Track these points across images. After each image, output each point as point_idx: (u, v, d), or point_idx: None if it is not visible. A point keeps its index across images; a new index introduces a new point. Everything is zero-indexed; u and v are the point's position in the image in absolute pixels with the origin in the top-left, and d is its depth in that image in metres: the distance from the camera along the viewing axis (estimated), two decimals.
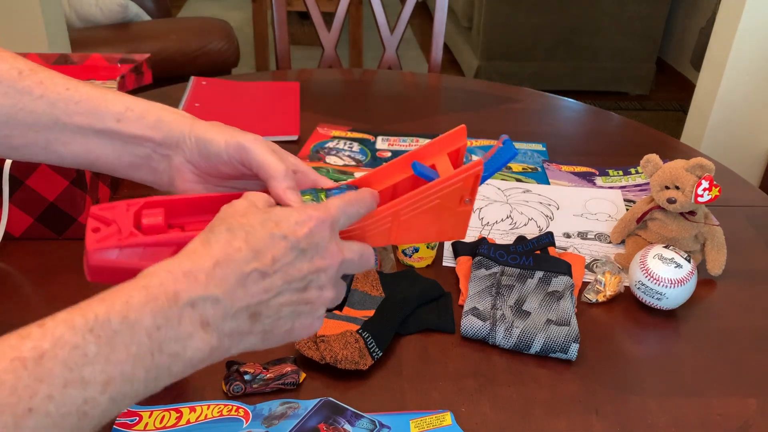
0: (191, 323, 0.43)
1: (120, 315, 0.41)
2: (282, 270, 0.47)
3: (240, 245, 0.46)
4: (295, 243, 0.47)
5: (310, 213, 0.49)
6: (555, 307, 0.83)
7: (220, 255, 0.45)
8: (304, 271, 0.48)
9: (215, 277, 0.44)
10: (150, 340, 0.42)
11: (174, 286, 0.43)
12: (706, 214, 0.94)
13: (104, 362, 0.40)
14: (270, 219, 0.48)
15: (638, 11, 3.39)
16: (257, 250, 0.46)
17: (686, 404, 0.74)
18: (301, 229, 0.48)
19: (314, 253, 0.49)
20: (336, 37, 1.74)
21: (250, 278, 0.46)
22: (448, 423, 0.68)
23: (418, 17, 4.81)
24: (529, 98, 1.51)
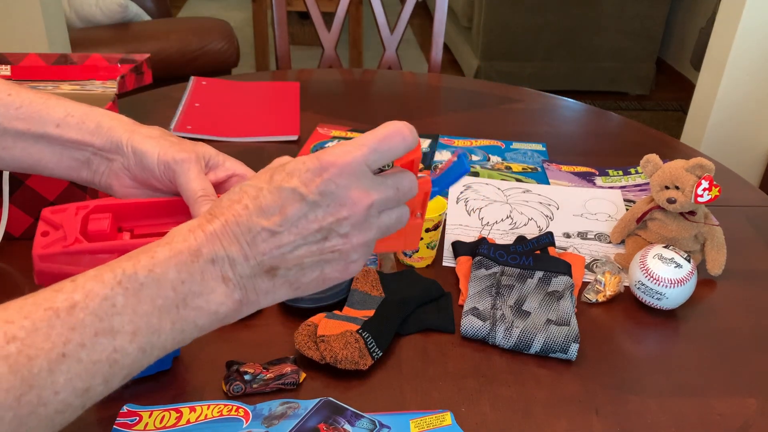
0: (213, 278, 0.45)
1: (146, 269, 0.43)
2: (294, 224, 0.47)
3: (247, 203, 0.46)
4: (305, 195, 0.46)
5: (327, 160, 0.47)
6: (555, 307, 0.83)
7: (230, 214, 0.46)
8: (320, 222, 0.47)
9: (228, 236, 0.46)
10: (175, 293, 0.44)
11: (196, 243, 0.45)
12: (706, 214, 0.94)
13: (132, 313, 0.42)
14: (283, 170, 0.47)
15: (638, 11, 3.39)
16: (264, 208, 0.46)
17: (686, 404, 0.74)
18: (314, 180, 0.46)
19: (330, 203, 0.47)
20: (336, 37, 1.74)
21: (259, 236, 0.46)
22: (448, 423, 0.68)
23: (418, 17, 4.81)
24: (529, 98, 1.51)
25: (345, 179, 0.47)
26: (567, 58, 3.53)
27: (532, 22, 3.41)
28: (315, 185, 0.46)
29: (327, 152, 0.47)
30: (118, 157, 0.60)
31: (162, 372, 0.74)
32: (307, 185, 0.46)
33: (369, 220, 0.49)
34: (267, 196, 0.46)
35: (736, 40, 2.07)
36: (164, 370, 0.74)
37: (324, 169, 0.46)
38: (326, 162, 0.46)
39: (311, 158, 0.47)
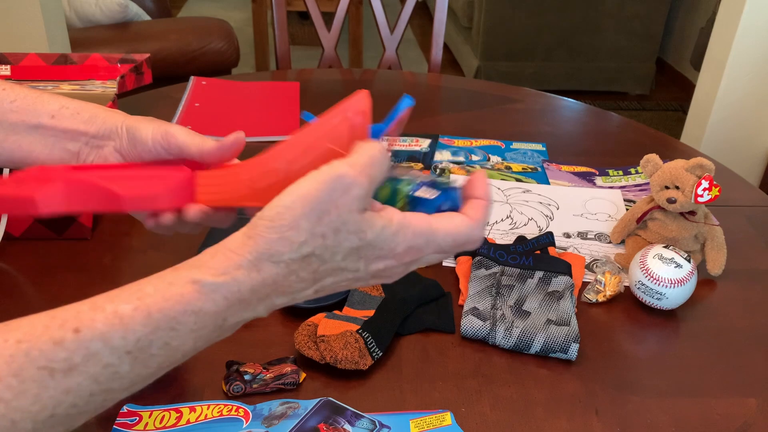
0: (223, 334, 0.43)
1: (162, 342, 0.40)
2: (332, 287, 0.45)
3: (306, 276, 0.42)
4: (362, 277, 0.44)
5: (400, 254, 0.43)
6: (555, 307, 0.83)
7: (282, 282, 0.42)
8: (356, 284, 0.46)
9: (268, 300, 0.43)
10: (183, 357, 0.42)
11: (225, 312, 0.41)
12: (706, 214, 0.94)
13: (134, 376, 0.40)
14: (358, 252, 0.42)
15: (638, 11, 3.39)
16: (319, 280, 0.43)
17: (686, 404, 0.74)
18: (377, 264, 0.44)
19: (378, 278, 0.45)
20: (336, 37, 1.74)
21: (294, 300, 0.44)
22: (448, 423, 0.68)
23: (418, 17, 4.81)
24: (529, 98, 1.51)
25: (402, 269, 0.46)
26: (567, 58, 3.53)
27: (532, 22, 3.40)
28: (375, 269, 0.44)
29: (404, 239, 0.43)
30: (110, 142, 0.58)
31: None
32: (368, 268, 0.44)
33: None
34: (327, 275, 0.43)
35: (736, 40, 2.07)
36: None
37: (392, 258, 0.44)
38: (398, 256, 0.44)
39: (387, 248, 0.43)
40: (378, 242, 0.42)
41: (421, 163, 1.20)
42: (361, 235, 0.41)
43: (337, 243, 0.41)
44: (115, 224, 0.99)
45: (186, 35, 2.53)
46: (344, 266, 0.43)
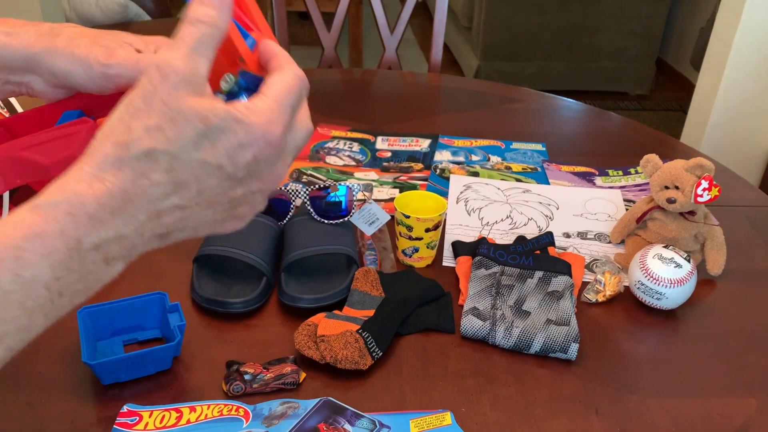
0: (94, 263, 0.39)
1: (11, 273, 0.36)
2: (208, 200, 0.41)
3: (159, 178, 0.38)
4: (232, 174, 0.40)
5: (260, 133, 0.39)
6: (555, 306, 0.83)
7: (132, 189, 0.38)
8: (237, 195, 0.41)
9: (122, 215, 0.38)
10: (49, 291, 0.38)
11: (76, 232, 0.37)
12: (706, 214, 0.94)
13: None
14: (206, 137, 0.38)
15: (638, 11, 3.39)
16: (180, 183, 0.39)
17: (686, 404, 0.74)
18: (244, 155, 0.39)
19: (254, 180, 0.41)
20: (336, 37, 1.74)
21: (165, 213, 0.40)
22: (448, 423, 0.69)
23: (418, 17, 4.81)
24: (529, 98, 1.51)
25: (274, 154, 0.41)
26: (567, 58, 3.53)
27: (532, 22, 3.40)
28: (244, 162, 0.40)
29: (260, 115, 0.39)
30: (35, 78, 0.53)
31: (162, 372, 0.74)
32: (236, 163, 0.39)
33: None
34: (185, 171, 0.39)
35: (736, 40, 2.07)
36: (164, 369, 0.74)
37: (257, 144, 0.39)
38: (262, 137, 0.39)
39: (242, 125, 0.39)
40: (229, 124, 0.38)
41: (421, 163, 1.20)
42: (204, 120, 0.38)
43: (178, 133, 0.38)
44: None
45: None
46: (203, 160, 0.38)
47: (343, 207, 0.93)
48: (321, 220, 0.91)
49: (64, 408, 0.69)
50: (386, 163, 1.20)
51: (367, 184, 1.13)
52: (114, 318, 0.76)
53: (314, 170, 1.16)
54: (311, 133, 0.46)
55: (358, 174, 1.16)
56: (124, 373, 0.72)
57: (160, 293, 0.77)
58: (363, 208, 0.95)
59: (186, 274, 0.89)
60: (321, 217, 0.92)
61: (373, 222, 0.94)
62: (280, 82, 0.42)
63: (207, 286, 0.84)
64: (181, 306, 0.77)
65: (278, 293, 0.85)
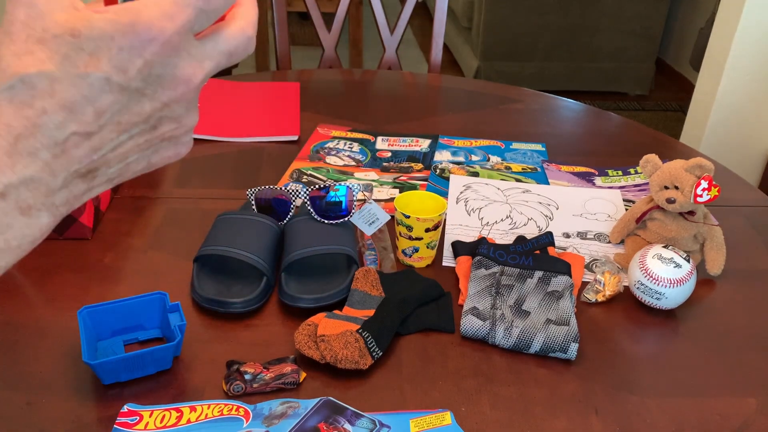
0: (6, 214, 0.35)
1: None
2: (112, 121, 0.36)
3: (44, 105, 0.34)
4: (124, 84, 0.35)
5: (145, 31, 0.34)
6: (554, 306, 0.83)
7: (20, 124, 0.34)
8: (147, 111, 0.37)
9: (20, 155, 0.35)
10: None
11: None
12: (706, 214, 0.94)
13: None
14: (81, 47, 0.34)
15: (638, 11, 3.40)
16: (70, 107, 0.35)
17: (686, 404, 0.74)
18: (133, 62, 0.35)
19: (157, 87, 0.36)
20: (336, 38, 1.74)
21: (68, 143, 0.36)
22: (448, 422, 0.69)
23: (418, 17, 4.81)
24: (528, 98, 1.51)
25: (173, 55, 0.36)
26: (567, 58, 3.53)
27: (532, 22, 3.41)
28: (135, 69, 0.35)
29: (140, 13, 0.34)
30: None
31: (162, 371, 0.74)
32: (125, 70, 0.35)
33: (197, 93, 0.39)
34: (70, 91, 0.34)
35: (736, 41, 2.07)
36: (164, 369, 0.74)
37: (143, 44, 0.34)
38: (145, 34, 0.34)
39: (118, 27, 0.34)
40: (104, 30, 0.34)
41: (421, 163, 1.20)
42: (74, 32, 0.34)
43: (49, 51, 0.34)
44: (116, 224, 0.99)
45: None
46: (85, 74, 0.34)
47: (343, 207, 0.93)
48: (321, 220, 0.92)
49: (64, 408, 0.69)
50: (386, 164, 1.20)
51: (367, 184, 1.13)
52: (114, 318, 0.76)
53: (314, 170, 1.16)
54: (240, 42, 0.39)
55: (358, 174, 1.16)
56: (125, 373, 0.72)
57: (160, 293, 0.78)
58: (363, 208, 0.95)
59: (186, 274, 0.89)
60: (321, 217, 0.92)
61: (373, 222, 0.94)
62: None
63: (207, 286, 0.84)
64: (181, 306, 0.77)
65: (278, 293, 0.85)
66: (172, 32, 0.35)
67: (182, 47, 0.36)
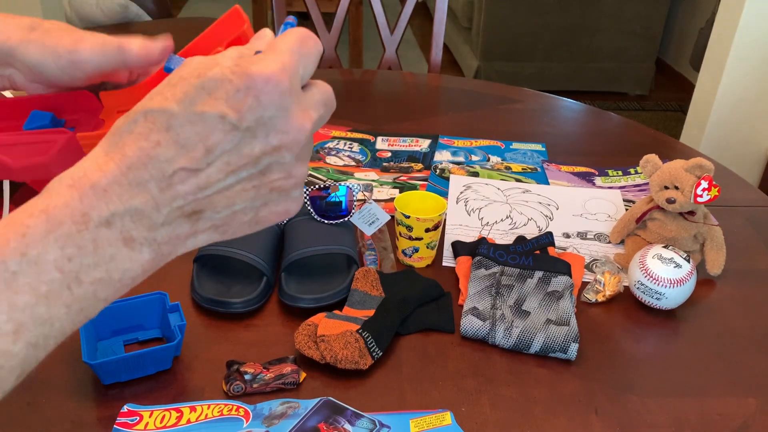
0: (110, 244, 0.36)
1: (17, 253, 0.34)
2: (220, 160, 0.37)
3: (159, 138, 0.36)
4: (236, 123, 0.37)
5: (259, 74, 0.37)
6: (554, 306, 0.83)
7: (134, 155, 0.36)
8: (256, 153, 0.38)
9: (130, 185, 0.36)
10: (63, 273, 0.35)
11: (81, 205, 0.35)
12: (706, 214, 0.94)
13: (8, 309, 0.34)
14: (203, 87, 0.37)
15: (638, 11, 3.40)
16: (183, 143, 0.37)
17: (686, 404, 0.74)
18: (248, 103, 0.37)
19: (269, 129, 0.38)
20: (336, 38, 1.74)
21: (176, 178, 0.37)
22: (448, 423, 0.69)
23: (418, 17, 4.81)
24: (528, 98, 1.51)
25: (285, 101, 0.38)
26: (567, 58, 3.53)
27: (532, 22, 3.41)
28: (249, 109, 0.37)
29: (254, 62, 0.37)
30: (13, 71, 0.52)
31: (162, 372, 0.74)
32: (239, 110, 0.37)
33: (309, 144, 0.40)
34: (185, 127, 0.36)
35: (736, 40, 2.07)
36: (164, 369, 0.74)
37: (258, 88, 0.37)
38: (259, 77, 0.37)
39: (236, 70, 0.37)
40: (225, 74, 0.37)
41: (421, 163, 1.20)
42: (199, 75, 0.37)
43: (175, 91, 0.37)
44: None
45: (186, 35, 2.53)
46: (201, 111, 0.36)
47: (343, 207, 0.93)
48: (321, 220, 0.92)
49: (64, 408, 0.69)
50: (386, 164, 1.20)
51: (367, 184, 1.13)
52: (114, 318, 0.76)
53: (314, 170, 1.16)
54: (331, 95, 0.42)
55: (358, 174, 1.16)
56: (125, 373, 0.72)
57: (160, 293, 0.78)
58: (363, 208, 0.95)
59: (186, 274, 0.89)
60: (321, 217, 0.92)
61: (373, 222, 0.94)
62: (283, 36, 0.40)
63: (207, 286, 0.84)
64: (181, 306, 0.77)
65: (278, 293, 0.85)
66: (282, 78, 0.37)
67: (293, 94, 0.38)
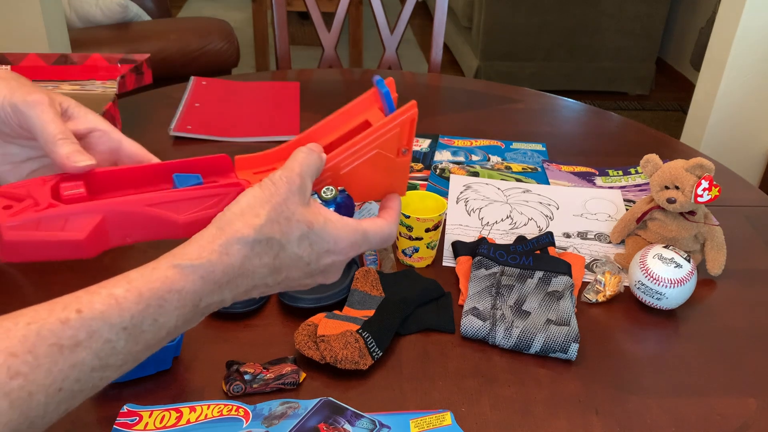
0: (199, 317, 0.48)
1: (152, 318, 0.44)
2: (286, 283, 0.51)
3: (268, 261, 0.48)
4: (313, 270, 0.51)
5: (345, 249, 0.51)
6: (555, 307, 0.83)
7: (249, 266, 0.47)
8: (302, 283, 0.52)
9: (233, 284, 0.47)
10: (167, 335, 0.46)
11: (202, 293, 0.46)
12: (706, 214, 0.94)
13: (126, 353, 0.44)
14: (308, 238, 0.49)
15: (638, 11, 3.39)
16: (278, 268, 0.49)
17: (686, 404, 0.74)
18: (327, 259, 0.51)
19: (322, 276, 0.52)
20: (336, 37, 1.74)
21: (257, 288, 0.50)
22: (448, 423, 0.69)
23: (418, 17, 4.81)
24: (529, 98, 1.51)
25: (343, 264, 0.53)
26: (567, 58, 3.53)
27: (532, 22, 3.40)
28: (324, 264, 0.51)
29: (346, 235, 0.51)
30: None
31: (162, 372, 0.74)
32: (318, 263, 0.51)
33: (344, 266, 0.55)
34: (285, 260, 0.49)
35: (736, 40, 2.07)
36: (164, 370, 0.74)
37: (338, 254, 0.51)
38: (344, 251, 0.52)
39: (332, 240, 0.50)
40: (324, 234, 0.50)
41: (421, 163, 1.20)
42: (309, 225, 0.49)
43: (289, 229, 0.48)
44: None
45: (186, 35, 2.53)
46: (300, 255, 0.49)
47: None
48: None
49: None
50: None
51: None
52: None
53: None
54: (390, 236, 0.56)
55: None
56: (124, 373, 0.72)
57: None
58: (363, 208, 0.95)
59: None
60: None
61: None
62: (377, 227, 0.54)
63: None
64: None
65: (278, 293, 0.85)
66: (352, 256, 0.53)
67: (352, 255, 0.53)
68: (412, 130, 0.56)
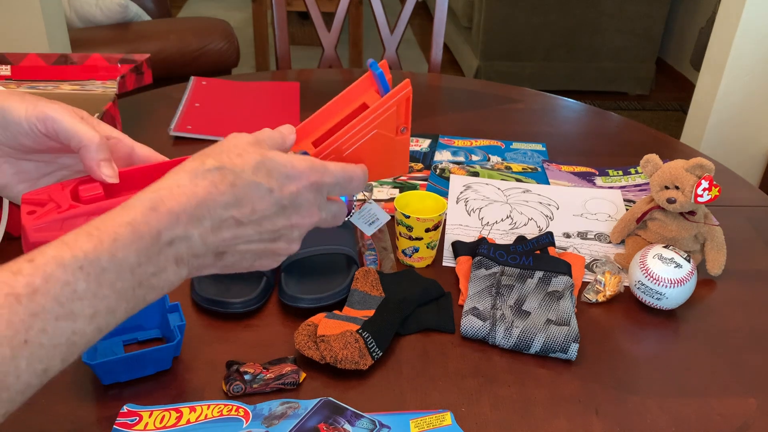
0: (167, 259, 0.46)
1: (108, 253, 0.43)
2: (258, 221, 0.50)
3: (225, 189, 0.48)
4: (279, 199, 0.50)
5: (304, 172, 0.51)
6: (555, 307, 0.83)
7: (204, 194, 0.47)
8: (279, 225, 0.51)
9: (195, 217, 0.47)
10: (133, 276, 0.44)
11: (158, 224, 0.45)
12: (706, 214, 0.94)
13: (92, 297, 0.42)
14: (264, 165, 0.49)
15: (638, 11, 3.39)
16: (240, 198, 0.48)
17: (686, 404, 0.74)
18: (290, 186, 0.50)
19: (294, 211, 0.51)
20: (336, 37, 1.74)
21: (225, 224, 0.48)
22: (448, 423, 0.69)
23: (418, 17, 4.81)
24: (529, 98, 1.51)
25: (312, 195, 0.52)
26: (567, 58, 3.53)
27: (532, 22, 3.40)
28: (289, 192, 0.50)
29: (302, 162, 0.51)
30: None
31: (162, 372, 0.74)
32: (282, 189, 0.50)
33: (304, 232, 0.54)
34: (245, 188, 0.48)
35: (736, 40, 2.07)
36: (164, 370, 0.74)
37: (299, 179, 0.51)
38: (304, 174, 0.51)
39: (288, 162, 0.51)
40: (279, 159, 0.50)
41: (421, 163, 1.20)
42: (262, 155, 0.50)
43: (243, 160, 0.49)
44: None
45: (186, 35, 2.53)
46: (259, 182, 0.49)
47: None
48: None
49: (64, 408, 0.69)
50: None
51: (367, 184, 1.13)
52: None
53: None
54: (342, 212, 0.57)
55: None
56: (124, 373, 0.72)
57: None
58: (363, 208, 0.95)
59: None
60: None
61: (373, 222, 0.94)
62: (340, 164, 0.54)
63: (207, 286, 0.84)
64: (181, 306, 0.77)
65: (278, 293, 0.85)
66: (319, 183, 0.52)
67: (320, 194, 0.53)
68: (408, 108, 0.57)
